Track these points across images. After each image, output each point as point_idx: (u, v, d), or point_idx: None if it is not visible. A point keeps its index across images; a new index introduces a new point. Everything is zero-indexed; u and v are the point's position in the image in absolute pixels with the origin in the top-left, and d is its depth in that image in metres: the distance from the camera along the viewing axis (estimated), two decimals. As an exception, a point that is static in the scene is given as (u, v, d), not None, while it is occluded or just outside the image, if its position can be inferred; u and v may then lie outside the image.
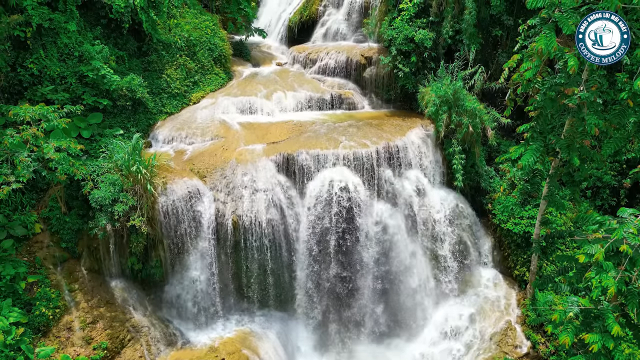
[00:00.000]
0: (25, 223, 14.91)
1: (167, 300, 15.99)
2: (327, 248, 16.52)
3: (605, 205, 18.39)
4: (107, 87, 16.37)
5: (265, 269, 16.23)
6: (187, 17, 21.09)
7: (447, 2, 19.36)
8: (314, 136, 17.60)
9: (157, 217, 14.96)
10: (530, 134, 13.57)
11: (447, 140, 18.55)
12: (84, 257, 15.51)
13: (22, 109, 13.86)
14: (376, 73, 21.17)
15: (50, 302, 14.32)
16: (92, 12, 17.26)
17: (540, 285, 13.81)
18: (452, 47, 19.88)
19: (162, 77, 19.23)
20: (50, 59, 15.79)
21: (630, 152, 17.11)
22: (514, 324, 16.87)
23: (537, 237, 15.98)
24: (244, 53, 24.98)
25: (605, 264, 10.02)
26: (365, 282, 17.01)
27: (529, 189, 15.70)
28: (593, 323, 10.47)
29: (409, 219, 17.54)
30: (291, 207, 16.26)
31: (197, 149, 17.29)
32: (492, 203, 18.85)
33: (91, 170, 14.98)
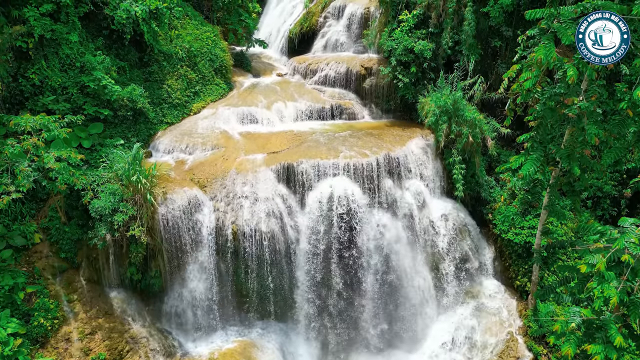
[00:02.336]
0: (24, 233, 14.87)
1: (166, 311, 15.89)
2: (327, 258, 16.44)
3: (606, 215, 18.33)
4: (108, 98, 16.44)
5: (265, 279, 16.14)
6: (188, 29, 21.24)
7: (446, 14, 19.52)
8: (314, 146, 17.63)
9: (157, 227, 14.92)
10: (530, 143, 13.57)
11: (447, 150, 18.57)
12: (83, 267, 15.45)
13: (23, 119, 13.90)
14: (376, 83, 21.27)
15: (49, 313, 14.23)
16: (94, 24, 17.40)
17: (542, 295, 13.71)
18: (452, 58, 20.00)
19: (163, 88, 19.32)
20: (51, 70, 15.88)
21: (630, 162, 17.12)
22: (515, 335, 16.73)
23: (538, 247, 15.91)
24: (245, 64, 25.13)
25: (607, 274, 9.94)
26: (366, 293, 16.90)
27: (529, 199, 15.66)
28: (595, 334, 10.35)
29: (409, 229, 17.48)
30: (291, 217, 16.22)
31: (197, 158, 17.31)
32: (492, 213, 18.81)
33: (91, 180, 14.97)
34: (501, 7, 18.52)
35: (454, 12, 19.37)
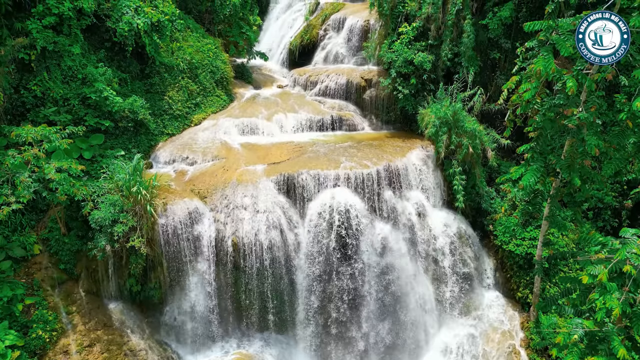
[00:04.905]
0: (24, 244, 14.82)
1: (165, 323, 15.77)
2: (327, 269, 16.36)
3: (607, 226, 18.29)
4: (109, 109, 16.51)
5: (265, 291, 16.04)
6: (189, 41, 21.41)
7: (445, 26, 19.68)
8: (314, 157, 17.65)
9: (157, 238, 14.88)
10: (530, 154, 13.58)
11: (447, 161, 18.59)
12: (83, 278, 15.37)
13: (24, 130, 13.95)
14: (376, 95, 21.36)
15: (48, 325, 14.12)
16: (97, 36, 17.55)
17: (544, 307, 13.59)
18: (451, 70, 20.11)
19: (164, 99, 19.41)
20: (53, 81, 15.97)
21: (630, 173, 17.12)
22: (518, 347, 16.57)
23: (540, 259, 15.84)
24: (246, 75, 25.28)
25: (609, 285, 9.87)
26: (367, 303, 16.78)
27: (530, 210, 15.61)
28: (598, 346, 10.25)
29: (409, 239, 17.42)
30: (291, 228, 16.17)
31: (198, 169, 17.32)
32: (493, 224, 18.75)
33: (91, 190, 14.97)
34: (500, 19, 18.70)
35: (453, 24, 19.54)
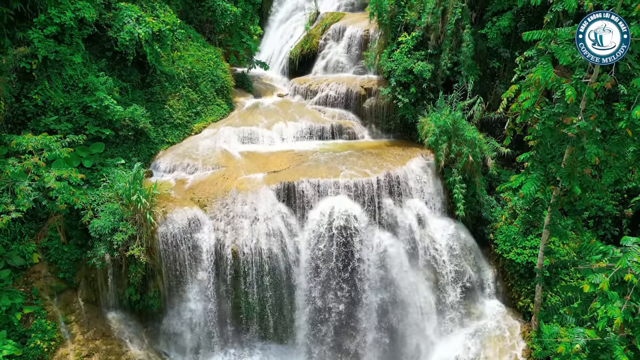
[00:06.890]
0: (23, 253, 14.79)
1: (164, 332, 15.67)
2: (327, 278, 16.29)
3: (607, 235, 18.24)
4: (110, 118, 16.55)
5: (265, 300, 15.97)
6: (190, 50, 21.52)
7: (445, 36, 19.80)
8: (314, 165, 17.66)
9: (157, 247, 14.84)
10: (530, 163, 13.58)
11: (447, 169, 18.59)
12: (82, 287, 15.31)
13: (24, 139, 13.97)
14: (376, 104, 21.43)
15: (46, 334, 14.04)
16: (98, 45, 17.65)
17: (545, 317, 13.50)
18: (451, 79, 20.19)
19: (164, 108, 19.47)
20: (54, 90, 16.03)
21: (630, 181, 17.11)
22: (519, 357, 16.44)
23: (541, 268, 15.77)
24: (246, 84, 25.38)
25: (610, 293, 9.83)
26: (367, 313, 16.68)
27: (530, 218, 15.57)
28: (600, 355, 10.18)
29: (410, 248, 17.37)
30: (291, 236, 16.14)
31: (198, 178, 17.32)
32: (493, 233, 18.71)
33: (91, 199, 14.96)
34: (499, 29, 18.81)
35: (453, 34, 19.66)
